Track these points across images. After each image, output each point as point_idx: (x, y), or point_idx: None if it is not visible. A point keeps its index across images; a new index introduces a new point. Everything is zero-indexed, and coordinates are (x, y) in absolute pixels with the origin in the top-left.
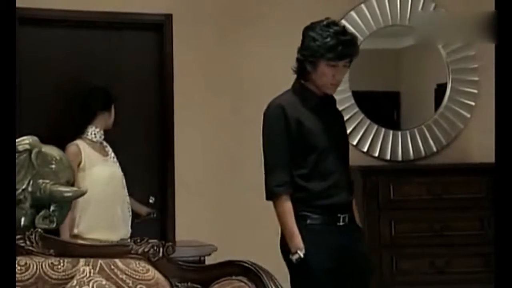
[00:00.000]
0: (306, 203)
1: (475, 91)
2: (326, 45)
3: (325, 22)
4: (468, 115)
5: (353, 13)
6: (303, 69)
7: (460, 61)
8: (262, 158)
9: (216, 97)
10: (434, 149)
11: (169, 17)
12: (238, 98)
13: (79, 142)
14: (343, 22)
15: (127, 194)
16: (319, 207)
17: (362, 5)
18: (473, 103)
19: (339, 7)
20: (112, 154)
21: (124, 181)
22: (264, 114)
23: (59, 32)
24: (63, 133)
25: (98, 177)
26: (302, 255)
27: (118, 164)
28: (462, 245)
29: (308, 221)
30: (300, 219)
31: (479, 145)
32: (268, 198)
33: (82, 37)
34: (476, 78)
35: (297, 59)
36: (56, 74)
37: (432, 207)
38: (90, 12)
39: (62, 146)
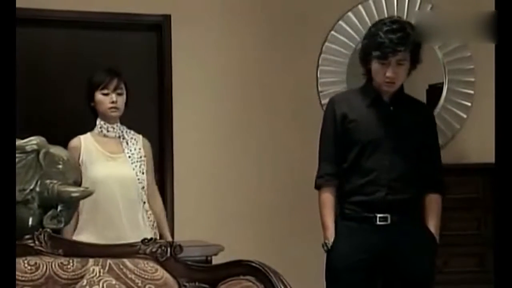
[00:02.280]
0: (345, 198)
1: (471, 91)
2: (373, 43)
3: (386, 21)
4: (465, 116)
5: (350, 14)
6: (364, 68)
7: (456, 62)
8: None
9: (215, 98)
10: None
11: (167, 18)
12: (238, 98)
13: (84, 136)
14: (341, 23)
15: (141, 200)
16: (355, 204)
17: (360, 6)
18: (469, 104)
19: (336, 9)
20: (131, 152)
21: (138, 183)
22: None
23: (58, 32)
24: (61, 133)
25: (92, 175)
26: (329, 246)
27: (136, 164)
28: (459, 245)
29: (344, 217)
30: (339, 214)
31: (476, 145)
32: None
33: (80, 38)
34: (472, 79)
35: (359, 58)
36: (54, 75)
37: None
38: (89, 13)
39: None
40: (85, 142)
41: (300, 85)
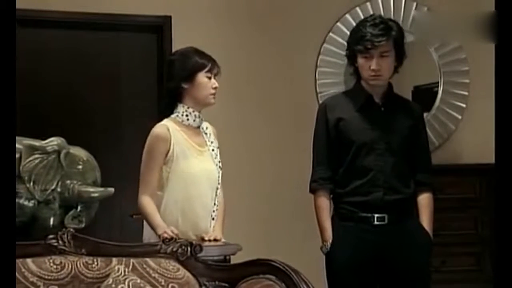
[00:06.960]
0: (342, 200)
1: (466, 93)
2: (356, 38)
3: (368, 18)
4: (459, 117)
5: (348, 16)
6: (352, 66)
7: (452, 63)
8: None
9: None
10: None
11: (168, 18)
12: (237, 99)
13: (170, 124)
14: (339, 25)
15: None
16: (352, 204)
17: (357, 8)
18: (464, 105)
19: (335, 10)
20: (212, 145)
21: (217, 183)
22: None
23: (58, 33)
24: (60, 134)
25: (186, 170)
26: (328, 248)
27: (217, 158)
28: (456, 245)
29: (342, 218)
30: (336, 215)
31: (471, 146)
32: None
33: (81, 39)
34: (467, 81)
35: (345, 56)
36: (55, 76)
37: None
38: (90, 14)
39: None
40: (173, 132)
41: (298, 86)
